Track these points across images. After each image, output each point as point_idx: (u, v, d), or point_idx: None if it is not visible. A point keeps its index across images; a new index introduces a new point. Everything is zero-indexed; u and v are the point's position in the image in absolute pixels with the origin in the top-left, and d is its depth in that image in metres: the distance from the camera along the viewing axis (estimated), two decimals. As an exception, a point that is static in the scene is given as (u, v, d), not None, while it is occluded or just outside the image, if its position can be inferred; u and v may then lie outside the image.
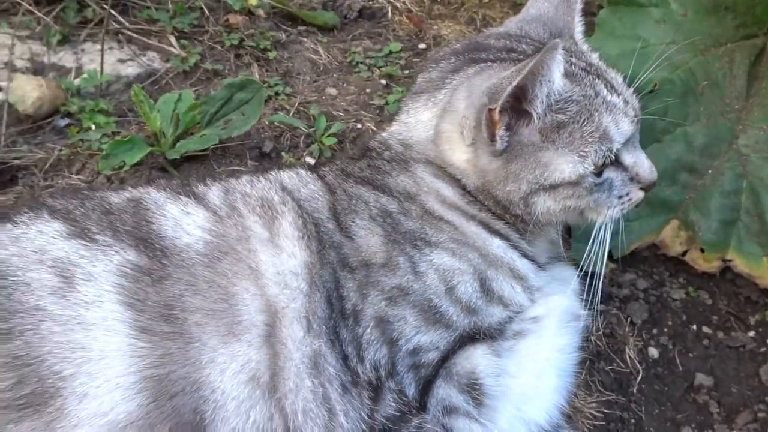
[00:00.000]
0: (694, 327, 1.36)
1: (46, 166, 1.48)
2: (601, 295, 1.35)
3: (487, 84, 0.95)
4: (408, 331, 0.88)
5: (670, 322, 1.37)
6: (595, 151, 0.95)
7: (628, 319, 1.35)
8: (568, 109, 0.95)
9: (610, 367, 1.27)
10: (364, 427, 0.82)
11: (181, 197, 0.91)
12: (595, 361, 1.27)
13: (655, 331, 1.35)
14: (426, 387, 0.88)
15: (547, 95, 0.93)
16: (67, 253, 0.80)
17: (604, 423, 1.17)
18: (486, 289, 0.95)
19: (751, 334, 1.35)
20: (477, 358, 0.91)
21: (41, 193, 1.42)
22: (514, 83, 0.89)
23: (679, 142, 1.43)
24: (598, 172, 0.98)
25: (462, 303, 0.92)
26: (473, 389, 0.89)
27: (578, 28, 1.13)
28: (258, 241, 0.87)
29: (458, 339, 0.91)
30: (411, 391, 0.87)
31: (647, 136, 1.42)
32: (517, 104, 0.94)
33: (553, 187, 0.97)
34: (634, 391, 1.25)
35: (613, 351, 1.30)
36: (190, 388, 0.74)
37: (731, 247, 1.37)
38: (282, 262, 0.86)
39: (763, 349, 1.32)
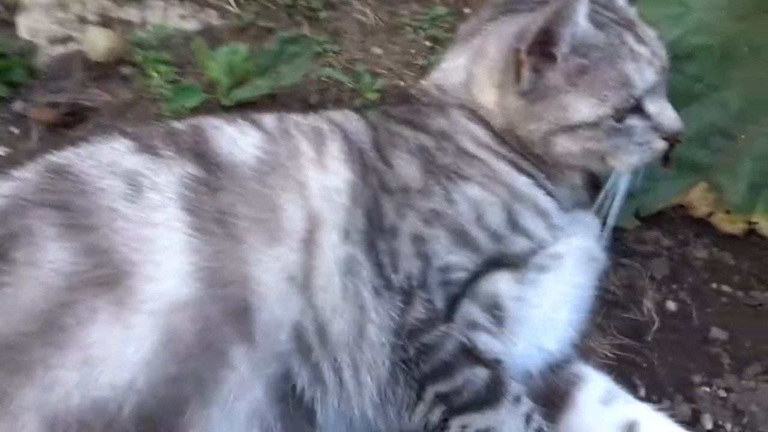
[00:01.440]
0: (714, 285, 1.41)
1: (113, 108, 1.62)
2: (623, 249, 1.42)
3: (515, 27, 1.03)
4: (440, 250, 0.96)
5: (690, 279, 1.42)
6: (616, 96, 1.02)
7: (649, 274, 1.40)
8: (592, 54, 1.02)
9: (627, 315, 1.33)
10: (394, 325, 0.91)
11: (238, 120, 1.02)
12: (612, 308, 1.33)
13: (674, 286, 1.41)
14: (452, 303, 0.96)
15: (571, 36, 1.00)
16: (136, 165, 0.92)
17: (615, 363, 1.24)
18: (512, 221, 1.03)
19: (771, 293, 1.39)
20: (500, 282, 0.99)
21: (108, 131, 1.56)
22: (539, 23, 0.98)
23: (715, 106, 1.47)
24: (620, 118, 1.04)
25: (490, 230, 1.00)
26: (495, 309, 0.97)
27: None
28: (307, 159, 0.97)
29: (484, 263, 0.99)
30: (439, 304, 0.95)
31: (683, 100, 1.45)
32: (544, 48, 1.02)
33: (571, 128, 1.04)
34: (649, 339, 1.31)
35: (631, 301, 1.36)
36: (239, 280, 0.85)
37: (757, 211, 1.41)
38: (327, 178, 0.96)
39: (781, 308, 1.37)
